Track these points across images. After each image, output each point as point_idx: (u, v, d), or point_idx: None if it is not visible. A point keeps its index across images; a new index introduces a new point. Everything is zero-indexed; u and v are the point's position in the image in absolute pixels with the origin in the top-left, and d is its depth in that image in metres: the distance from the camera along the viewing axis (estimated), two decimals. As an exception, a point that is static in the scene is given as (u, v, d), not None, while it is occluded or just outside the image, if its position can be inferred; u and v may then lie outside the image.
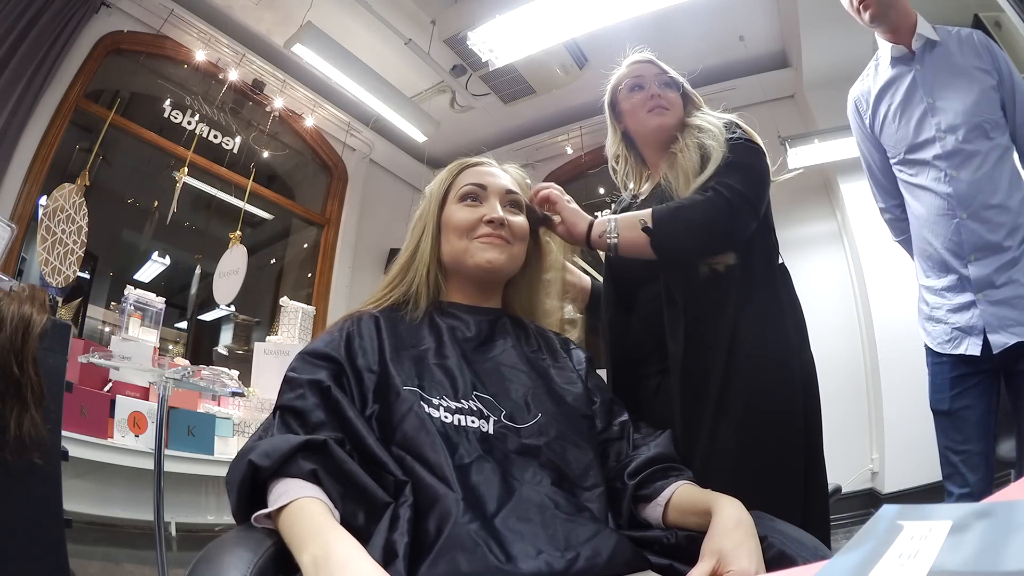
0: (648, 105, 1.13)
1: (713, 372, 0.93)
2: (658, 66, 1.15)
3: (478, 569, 0.57)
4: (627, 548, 0.66)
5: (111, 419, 2.22)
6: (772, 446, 0.91)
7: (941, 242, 1.33)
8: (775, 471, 0.90)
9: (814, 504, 0.93)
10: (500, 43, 2.83)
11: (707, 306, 0.97)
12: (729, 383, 0.92)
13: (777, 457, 0.91)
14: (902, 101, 1.38)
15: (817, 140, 3.13)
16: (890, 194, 1.50)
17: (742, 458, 0.89)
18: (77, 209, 2.78)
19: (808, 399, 0.98)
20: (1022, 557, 0.23)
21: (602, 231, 0.97)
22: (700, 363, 0.94)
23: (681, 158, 1.04)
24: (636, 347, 1.05)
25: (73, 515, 1.35)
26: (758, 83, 3.47)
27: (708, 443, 0.90)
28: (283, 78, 3.64)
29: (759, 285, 1.00)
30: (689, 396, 0.94)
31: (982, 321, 1.27)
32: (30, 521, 1.14)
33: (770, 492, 0.79)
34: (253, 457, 0.61)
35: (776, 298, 1.02)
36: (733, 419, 0.91)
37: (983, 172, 1.27)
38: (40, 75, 2.66)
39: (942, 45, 1.36)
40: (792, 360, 0.98)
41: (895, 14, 1.35)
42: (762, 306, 0.98)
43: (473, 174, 0.90)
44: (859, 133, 1.52)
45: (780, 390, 0.94)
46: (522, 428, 0.73)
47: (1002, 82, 1.31)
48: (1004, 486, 0.40)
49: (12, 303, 1.09)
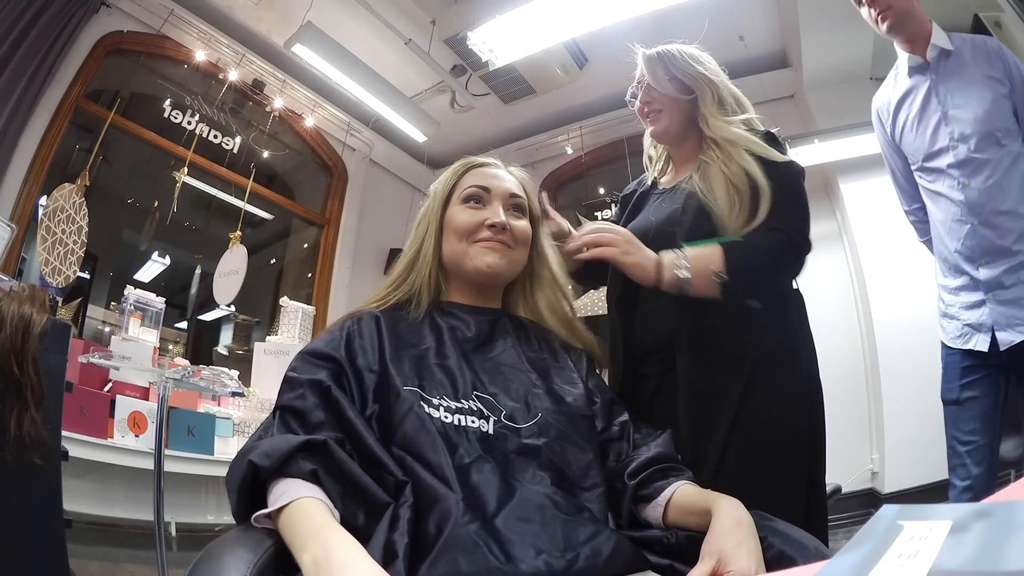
0: (643, 112, 1.13)
1: (729, 387, 0.92)
2: (649, 65, 1.10)
3: (478, 569, 0.57)
4: (627, 548, 0.66)
5: (111, 419, 2.22)
6: (780, 457, 0.92)
7: (955, 246, 1.39)
8: (781, 479, 0.91)
9: (814, 508, 0.93)
10: (500, 43, 2.83)
11: (722, 321, 0.95)
12: (747, 398, 0.92)
13: (784, 466, 0.91)
14: (919, 111, 1.43)
15: (817, 140, 3.13)
16: (913, 198, 1.56)
17: (750, 464, 0.90)
18: (77, 209, 2.77)
19: (814, 406, 0.99)
20: (1022, 557, 0.23)
21: (673, 278, 0.92)
22: (712, 375, 0.94)
23: (720, 173, 0.99)
24: (638, 345, 1.04)
25: (73, 515, 1.34)
26: (758, 83, 3.47)
27: (720, 450, 0.90)
28: (283, 78, 3.64)
29: (776, 301, 0.99)
30: (698, 403, 0.94)
31: (991, 319, 1.33)
32: (30, 521, 1.14)
33: (774, 499, 0.78)
34: (253, 457, 0.60)
35: (790, 316, 1.01)
36: (748, 431, 0.91)
37: (994, 180, 1.32)
38: (40, 75, 2.66)
39: (956, 54, 1.39)
40: (802, 371, 0.98)
41: (912, 24, 1.39)
42: (779, 328, 0.98)
43: (478, 175, 0.90)
44: (882, 140, 1.58)
45: (790, 398, 0.95)
46: (522, 428, 0.73)
47: (1014, 89, 1.34)
48: (1004, 486, 0.40)
49: (12, 303, 1.09)
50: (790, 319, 1.01)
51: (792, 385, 0.96)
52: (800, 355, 1.00)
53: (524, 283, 0.93)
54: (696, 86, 1.06)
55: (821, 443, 0.99)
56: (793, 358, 0.98)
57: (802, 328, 1.03)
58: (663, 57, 1.09)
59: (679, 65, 1.07)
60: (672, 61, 1.08)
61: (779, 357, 0.96)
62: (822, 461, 0.99)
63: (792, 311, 1.03)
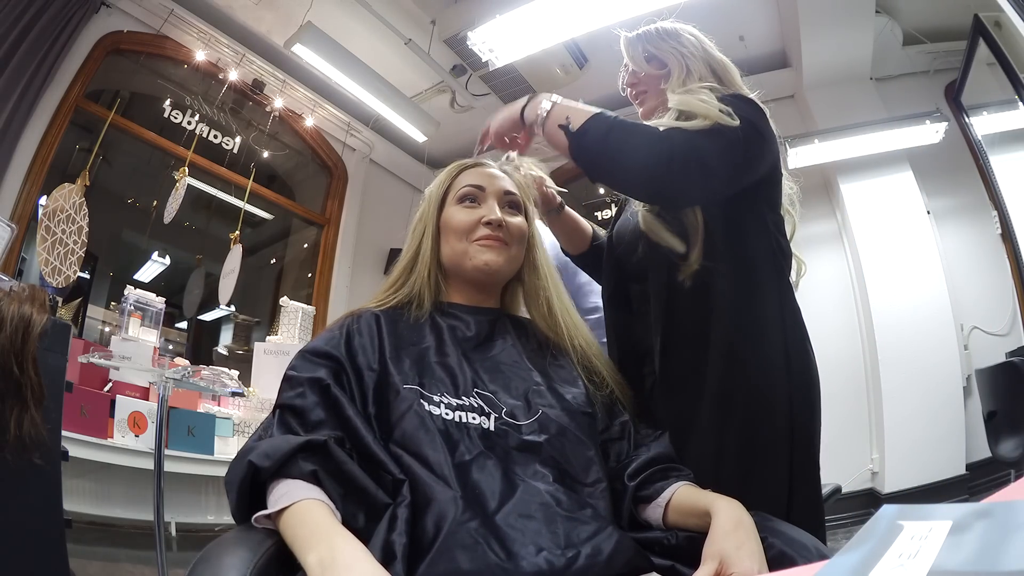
0: (632, 97, 1.09)
1: (704, 378, 0.88)
2: (628, 47, 1.07)
3: (478, 567, 0.57)
4: (629, 547, 0.66)
5: (111, 419, 2.22)
6: (757, 446, 0.87)
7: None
8: (756, 478, 0.85)
9: (805, 501, 0.87)
10: (500, 43, 2.83)
11: (683, 316, 0.90)
12: (722, 388, 0.88)
13: (761, 457, 0.87)
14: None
15: (817, 140, 3.13)
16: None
17: (722, 461, 0.86)
18: (77, 209, 2.78)
19: (797, 393, 0.90)
20: (1022, 557, 0.23)
21: (532, 116, 0.89)
22: (679, 370, 0.90)
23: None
24: (635, 346, 1.02)
25: (73, 515, 1.35)
26: (758, 83, 3.45)
27: (701, 444, 0.87)
28: (283, 78, 3.64)
29: (750, 292, 0.90)
30: (672, 402, 0.91)
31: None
32: (30, 521, 1.14)
33: (753, 492, 0.74)
34: (253, 458, 0.61)
35: (767, 311, 0.92)
36: (725, 424, 0.87)
37: None
38: (40, 75, 2.66)
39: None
40: (779, 355, 0.90)
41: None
42: (749, 319, 0.89)
43: (472, 175, 0.90)
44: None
45: (766, 386, 0.89)
46: (523, 425, 0.73)
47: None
48: (1004, 486, 0.40)
49: (12, 303, 1.09)
50: (764, 302, 0.92)
51: (767, 372, 0.89)
52: (776, 339, 0.91)
53: (522, 281, 0.93)
54: (668, 61, 1.03)
55: (809, 432, 0.90)
56: (767, 342, 0.90)
57: (784, 309, 0.93)
58: (640, 37, 1.06)
59: (655, 43, 1.04)
60: (648, 39, 1.05)
61: (750, 343, 0.89)
62: (811, 450, 0.91)
63: (766, 293, 0.93)
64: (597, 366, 0.88)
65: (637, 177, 0.84)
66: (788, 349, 0.92)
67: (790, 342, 0.93)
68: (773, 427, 0.88)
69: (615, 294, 1.07)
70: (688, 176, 0.82)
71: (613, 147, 0.83)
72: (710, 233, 0.90)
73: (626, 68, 1.10)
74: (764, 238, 0.94)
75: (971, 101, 2.86)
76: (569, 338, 0.89)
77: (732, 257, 0.90)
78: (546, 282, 0.91)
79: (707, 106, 0.86)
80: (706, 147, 0.82)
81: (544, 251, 0.94)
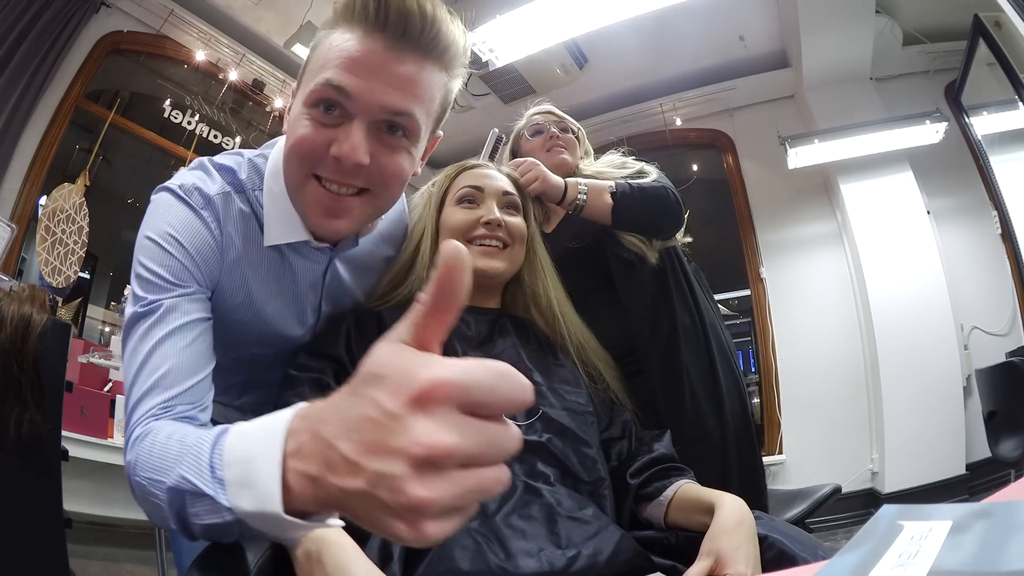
0: (547, 145, 1.26)
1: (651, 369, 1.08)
2: (556, 114, 1.31)
3: (478, 567, 0.57)
4: (629, 547, 0.66)
5: (111, 419, 2.22)
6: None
7: None
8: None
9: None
10: (500, 43, 2.83)
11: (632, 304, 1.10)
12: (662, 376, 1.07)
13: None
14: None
15: (817, 140, 3.13)
16: None
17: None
18: (77, 209, 2.78)
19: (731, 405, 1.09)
20: (1022, 557, 0.23)
21: (574, 196, 1.08)
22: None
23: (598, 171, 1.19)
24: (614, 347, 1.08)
25: (73, 515, 1.34)
26: (758, 83, 3.47)
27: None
28: (283, 78, 3.63)
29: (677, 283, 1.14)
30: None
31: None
32: (30, 521, 1.14)
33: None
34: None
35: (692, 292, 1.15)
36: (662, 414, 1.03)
37: None
38: (40, 75, 2.66)
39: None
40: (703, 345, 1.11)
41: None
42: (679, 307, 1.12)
43: (470, 176, 0.91)
44: None
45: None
46: (524, 425, 0.73)
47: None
48: (1004, 486, 0.40)
49: (12, 303, 1.09)
50: (678, 293, 1.13)
51: (696, 362, 1.08)
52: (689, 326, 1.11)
53: (522, 281, 0.93)
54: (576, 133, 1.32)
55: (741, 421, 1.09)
56: (684, 332, 1.10)
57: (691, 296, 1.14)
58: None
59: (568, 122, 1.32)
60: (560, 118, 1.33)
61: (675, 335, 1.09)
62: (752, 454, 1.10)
63: (675, 283, 1.14)
64: (597, 365, 0.88)
65: (661, 208, 1.12)
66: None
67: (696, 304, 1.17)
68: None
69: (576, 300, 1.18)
70: (681, 213, 1.15)
71: (640, 193, 1.10)
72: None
73: (554, 126, 1.30)
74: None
75: (971, 101, 2.86)
76: (569, 337, 0.89)
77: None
78: (546, 282, 0.91)
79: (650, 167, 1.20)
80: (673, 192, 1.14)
81: (544, 251, 0.95)
